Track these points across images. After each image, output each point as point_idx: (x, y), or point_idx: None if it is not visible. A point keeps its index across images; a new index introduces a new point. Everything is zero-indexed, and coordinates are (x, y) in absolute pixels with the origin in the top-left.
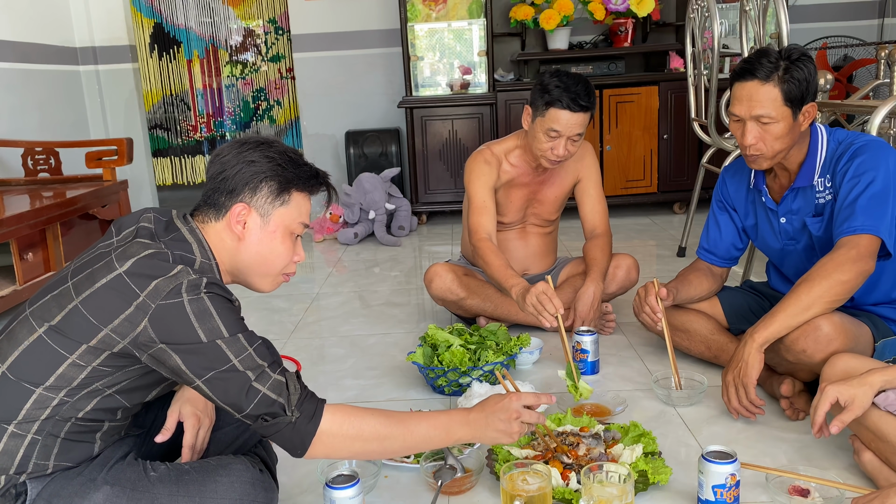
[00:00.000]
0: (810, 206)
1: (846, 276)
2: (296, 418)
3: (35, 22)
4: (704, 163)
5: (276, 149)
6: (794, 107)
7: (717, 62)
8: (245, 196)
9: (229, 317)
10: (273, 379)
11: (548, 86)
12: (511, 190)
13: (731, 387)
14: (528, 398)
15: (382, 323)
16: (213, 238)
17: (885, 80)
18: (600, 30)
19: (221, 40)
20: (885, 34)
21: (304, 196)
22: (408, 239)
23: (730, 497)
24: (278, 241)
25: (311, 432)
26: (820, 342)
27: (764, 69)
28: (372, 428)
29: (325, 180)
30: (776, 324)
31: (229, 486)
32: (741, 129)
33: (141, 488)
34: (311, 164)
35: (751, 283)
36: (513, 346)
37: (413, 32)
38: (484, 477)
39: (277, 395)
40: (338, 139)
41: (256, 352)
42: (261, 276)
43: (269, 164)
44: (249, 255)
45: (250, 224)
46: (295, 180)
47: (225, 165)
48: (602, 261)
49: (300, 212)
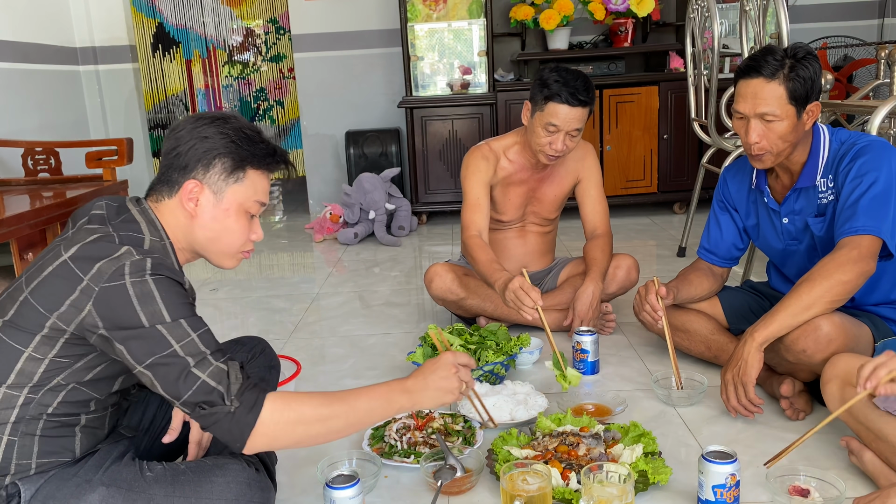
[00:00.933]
0: (813, 207)
1: (847, 276)
2: (235, 408)
3: (35, 22)
4: (704, 163)
5: (232, 125)
6: (798, 105)
7: (717, 62)
8: (198, 173)
9: (173, 301)
10: (214, 366)
11: (547, 80)
12: (509, 187)
13: (731, 385)
14: (462, 357)
15: (382, 323)
16: (167, 216)
17: (885, 80)
18: (600, 30)
19: (221, 40)
20: (885, 34)
21: (260, 174)
22: (408, 239)
23: (730, 497)
24: (232, 219)
25: (250, 423)
26: (820, 342)
27: (769, 67)
28: (313, 410)
29: (284, 158)
30: (776, 323)
31: (225, 487)
32: (745, 127)
33: (137, 489)
34: (269, 142)
35: (751, 283)
36: (513, 346)
37: (413, 32)
38: (484, 477)
39: (217, 383)
40: (338, 139)
41: (200, 338)
42: (217, 254)
43: (224, 140)
44: (203, 233)
45: (203, 201)
46: (250, 158)
47: (179, 141)
48: (602, 261)
49: (255, 190)
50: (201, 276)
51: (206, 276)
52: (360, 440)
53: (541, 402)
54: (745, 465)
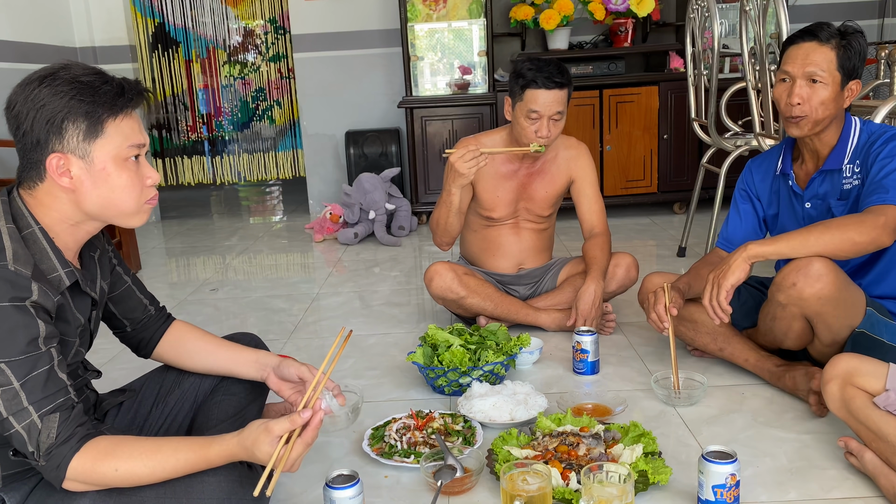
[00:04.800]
0: (836, 191)
1: (861, 237)
2: (42, 465)
3: (35, 22)
4: (704, 163)
5: (64, 78)
6: (844, 75)
7: (717, 62)
8: (54, 144)
9: (2, 338)
10: (30, 420)
11: (521, 71)
12: (499, 181)
13: (710, 284)
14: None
15: (382, 323)
16: (46, 201)
17: (885, 80)
18: (600, 30)
19: (221, 40)
20: (885, 34)
21: (119, 119)
22: (408, 239)
23: (730, 497)
24: (114, 176)
25: (58, 478)
26: (810, 276)
27: (824, 32)
28: (127, 463)
29: (137, 89)
30: (773, 246)
31: (216, 486)
32: (789, 89)
33: (127, 492)
34: (113, 79)
35: (758, 279)
36: (513, 346)
37: (413, 32)
38: (484, 477)
39: (28, 439)
40: (338, 139)
41: (24, 386)
42: (117, 216)
43: (63, 99)
44: (92, 202)
45: (75, 171)
46: (99, 108)
47: (18, 118)
48: (602, 260)
49: (124, 136)
50: (201, 276)
51: (206, 276)
52: (360, 440)
53: (541, 402)
54: (745, 465)
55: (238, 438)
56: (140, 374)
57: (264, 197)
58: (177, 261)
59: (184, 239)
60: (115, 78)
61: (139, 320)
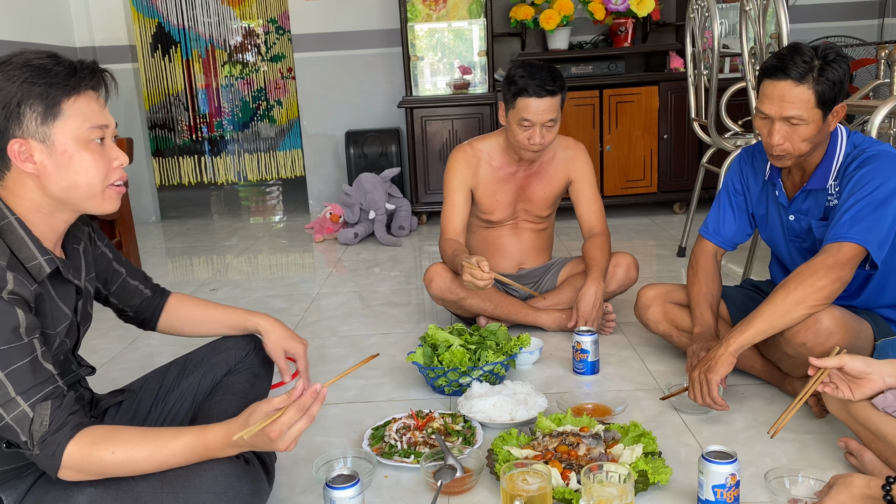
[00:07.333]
0: (819, 210)
1: (822, 282)
2: (36, 454)
3: (35, 22)
4: (704, 163)
5: (16, 63)
6: (825, 108)
7: (717, 62)
8: (13, 130)
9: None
10: (20, 410)
11: (513, 77)
12: (497, 185)
13: (696, 383)
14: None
15: (382, 323)
16: (16, 190)
17: (885, 80)
18: (600, 30)
19: (221, 40)
20: (885, 34)
21: (77, 99)
22: (408, 239)
23: (730, 497)
24: (76, 158)
25: (54, 466)
26: (820, 335)
27: (798, 69)
28: (123, 449)
29: (91, 68)
30: (752, 329)
31: (213, 480)
32: (768, 128)
33: (125, 487)
34: (67, 60)
35: (752, 282)
36: (513, 346)
37: (413, 32)
38: (484, 477)
39: (20, 429)
40: (338, 139)
41: (9, 376)
42: (85, 201)
43: (15, 84)
44: (58, 186)
45: (38, 156)
46: (53, 89)
47: None
48: (602, 260)
49: (84, 116)
50: (201, 276)
51: (206, 275)
52: (360, 440)
53: (541, 402)
54: (745, 465)
55: (235, 418)
56: (140, 375)
57: (264, 197)
58: (177, 261)
59: (184, 239)
60: (69, 59)
61: (138, 305)
